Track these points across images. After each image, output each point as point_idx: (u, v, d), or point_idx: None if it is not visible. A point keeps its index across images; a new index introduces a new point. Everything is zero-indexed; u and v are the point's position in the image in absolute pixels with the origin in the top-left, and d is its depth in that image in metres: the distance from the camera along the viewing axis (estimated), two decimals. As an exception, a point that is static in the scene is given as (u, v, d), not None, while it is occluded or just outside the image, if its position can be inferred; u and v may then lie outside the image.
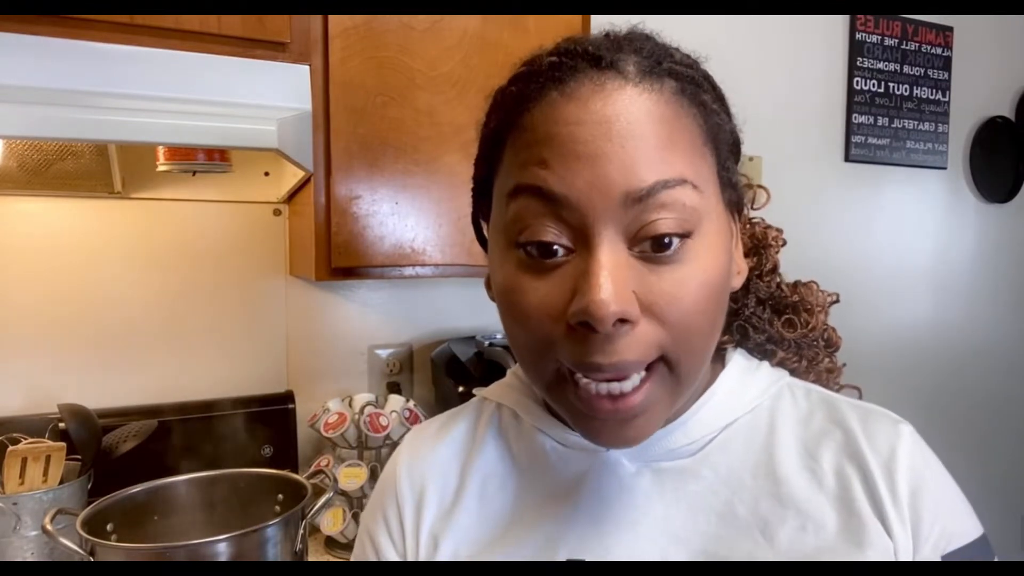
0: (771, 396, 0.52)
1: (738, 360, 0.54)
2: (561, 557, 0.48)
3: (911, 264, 2.20)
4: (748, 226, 0.58)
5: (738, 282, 0.51)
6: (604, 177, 0.40)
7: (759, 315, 0.57)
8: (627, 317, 0.39)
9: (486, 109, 0.49)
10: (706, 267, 0.42)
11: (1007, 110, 2.34)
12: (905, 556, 0.45)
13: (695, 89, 0.45)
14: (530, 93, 0.44)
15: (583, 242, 0.41)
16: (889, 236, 2.15)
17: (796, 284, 0.58)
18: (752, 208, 0.58)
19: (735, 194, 0.48)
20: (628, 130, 0.41)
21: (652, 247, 0.41)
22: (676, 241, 0.41)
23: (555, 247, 0.41)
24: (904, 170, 2.16)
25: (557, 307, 0.41)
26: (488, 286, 0.52)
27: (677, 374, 0.43)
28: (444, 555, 0.52)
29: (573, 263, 0.41)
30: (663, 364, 0.42)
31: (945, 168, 2.23)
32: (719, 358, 0.55)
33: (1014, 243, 2.39)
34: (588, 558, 0.48)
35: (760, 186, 0.59)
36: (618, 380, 0.41)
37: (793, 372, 0.57)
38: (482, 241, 0.55)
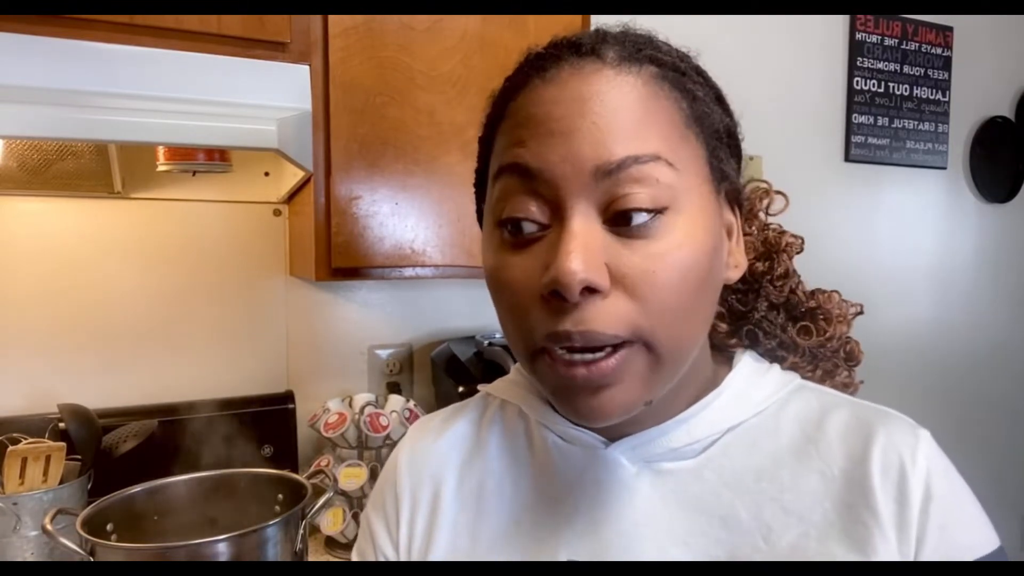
0: (779, 400, 0.51)
1: (747, 362, 0.53)
2: (562, 557, 0.48)
3: (911, 264, 2.20)
4: (764, 231, 0.58)
5: (734, 275, 0.50)
6: (576, 151, 0.41)
7: (771, 320, 0.56)
8: (594, 286, 0.40)
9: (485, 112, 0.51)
10: (682, 244, 0.42)
11: (1007, 110, 2.34)
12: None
13: (678, 76, 0.45)
14: (516, 84, 0.46)
15: (557, 216, 0.42)
16: (889, 236, 2.15)
17: (814, 292, 0.57)
18: (767, 214, 0.58)
19: (731, 186, 0.48)
20: (601, 107, 0.42)
21: (623, 220, 0.41)
22: (646, 215, 0.41)
23: (529, 222, 0.43)
24: (904, 170, 2.16)
25: (532, 280, 0.42)
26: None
27: (657, 352, 0.42)
28: (440, 549, 0.52)
29: (548, 238, 0.42)
30: (640, 343, 0.42)
31: (945, 168, 2.23)
32: (727, 360, 0.54)
33: (1014, 243, 2.39)
34: (587, 559, 0.48)
35: (779, 192, 0.58)
36: (590, 351, 0.41)
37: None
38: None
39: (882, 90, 2.08)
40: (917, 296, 2.22)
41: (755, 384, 0.51)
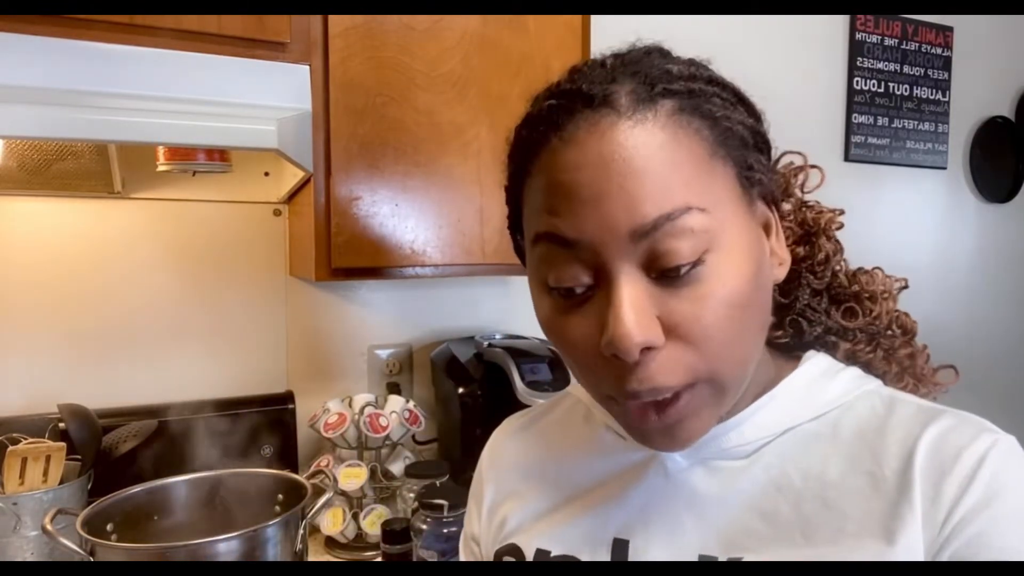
0: (845, 405, 0.50)
1: (814, 365, 0.52)
2: (610, 535, 0.52)
3: (911, 264, 2.20)
4: (801, 210, 0.57)
5: (781, 272, 0.50)
6: (609, 217, 0.41)
7: (814, 307, 0.56)
8: (651, 345, 0.41)
9: (508, 141, 0.50)
10: (726, 281, 0.42)
11: (1007, 110, 2.34)
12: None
13: (695, 102, 0.44)
14: (536, 139, 0.45)
15: (603, 277, 0.43)
16: (889, 236, 2.15)
17: (856, 273, 0.58)
18: (802, 192, 0.57)
19: (766, 188, 0.47)
20: (625, 168, 0.41)
21: (667, 273, 0.42)
22: (688, 266, 0.42)
23: (577, 289, 0.44)
24: (904, 170, 2.16)
25: (592, 340, 0.44)
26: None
27: (718, 384, 0.44)
28: (511, 523, 0.58)
29: (598, 296, 0.44)
30: (703, 381, 0.43)
31: (945, 168, 2.23)
32: (794, 360, 0.53)
33: (1014, 243, 2.39)
34: (632, 542, 0.51)
35: (814, 166, 0.56)
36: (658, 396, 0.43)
37: (870, 363, 0.55)
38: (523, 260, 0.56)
39: (882, 90, 2.09)
40: (916, 296, 2.20)
41: (819, 387, 0.51)
